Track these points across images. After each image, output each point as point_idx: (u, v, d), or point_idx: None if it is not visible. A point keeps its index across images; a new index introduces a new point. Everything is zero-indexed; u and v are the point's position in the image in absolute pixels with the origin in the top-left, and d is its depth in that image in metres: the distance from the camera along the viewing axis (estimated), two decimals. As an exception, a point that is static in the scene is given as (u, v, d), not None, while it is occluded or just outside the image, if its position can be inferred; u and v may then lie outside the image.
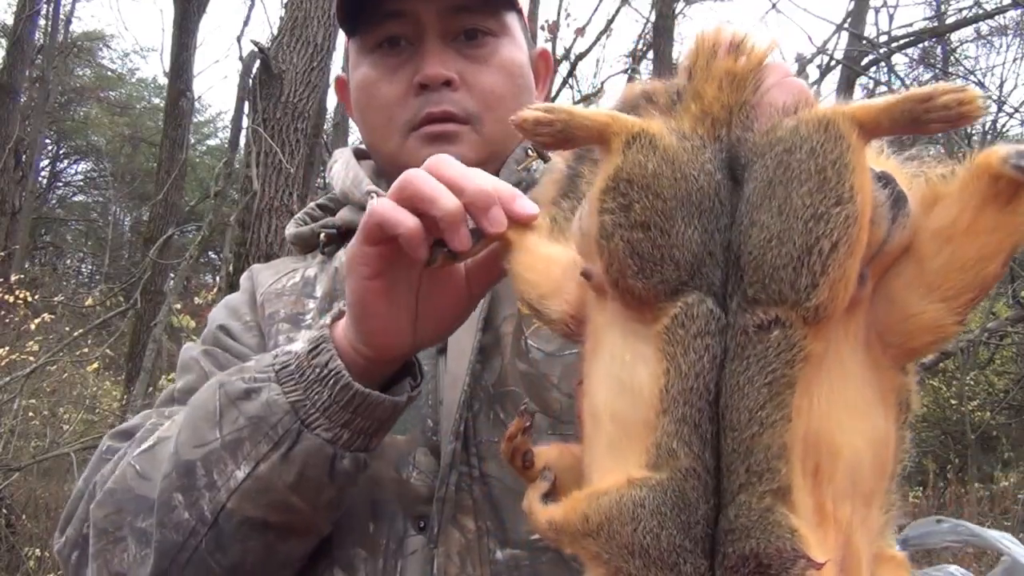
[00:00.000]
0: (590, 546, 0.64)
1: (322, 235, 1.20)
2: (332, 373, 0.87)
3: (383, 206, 0.80)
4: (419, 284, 0.86)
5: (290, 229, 1.25)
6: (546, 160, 1.20)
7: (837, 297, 0.59)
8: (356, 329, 0.87)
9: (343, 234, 1.19)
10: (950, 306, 0.62)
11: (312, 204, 1.28)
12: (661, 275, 0.63)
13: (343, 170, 1.22)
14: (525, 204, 0.79)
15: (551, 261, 0.74)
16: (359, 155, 1.27)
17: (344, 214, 1.21)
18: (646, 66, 10.22)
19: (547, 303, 0.73)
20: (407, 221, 0.78)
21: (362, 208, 1.14)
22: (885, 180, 0.64)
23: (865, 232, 0.60)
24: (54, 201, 24.81)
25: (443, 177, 0.79)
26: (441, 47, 1.13)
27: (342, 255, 1.17)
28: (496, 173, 1.12)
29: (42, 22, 14.93)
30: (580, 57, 9.78)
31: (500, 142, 1.15)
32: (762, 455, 0.59)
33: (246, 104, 7.17)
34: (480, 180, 0.79)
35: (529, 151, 1.19)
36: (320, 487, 0.90)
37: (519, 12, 1.21)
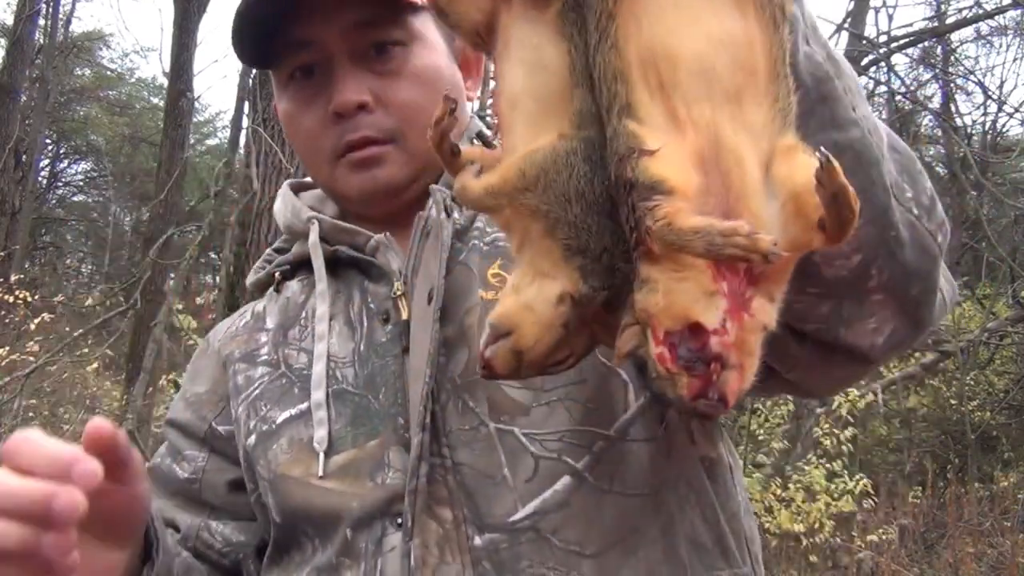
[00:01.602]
0: (529, 200, 0.66)
1: (276, 273, 1.22)
2: None
3: None
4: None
5: (250, 278, 1.28)
6: (492, 148, 1.20)
7: None
8: None
9: (295, 267, 1.22)
10: None
11: (268, 250, 1.30)
12: None
13: (282, 207, 1.24)
14: (87, 467, 0.74)
15: None
16: (299, 188, 1.29)
17: (295, 247, 1.23)
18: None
19: (456, 6, 0.73)
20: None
21: (306, 237, 1.17)
22: None
23: None
24: (54, 201, 24.78)
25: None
26: (352, 69, 1.10)
27: (293, 285, 1.21)
28: (437, 180, 1.13)
29: (42, 22, 14.92)
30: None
31: (430, 152, 1.14)
32: (606, 85, 0.63)
33: (246, 104, 7.16)
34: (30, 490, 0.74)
35: (474, 141, 1.18)
36: None
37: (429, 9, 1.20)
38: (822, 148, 0.59)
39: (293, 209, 1.22)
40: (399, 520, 0.97)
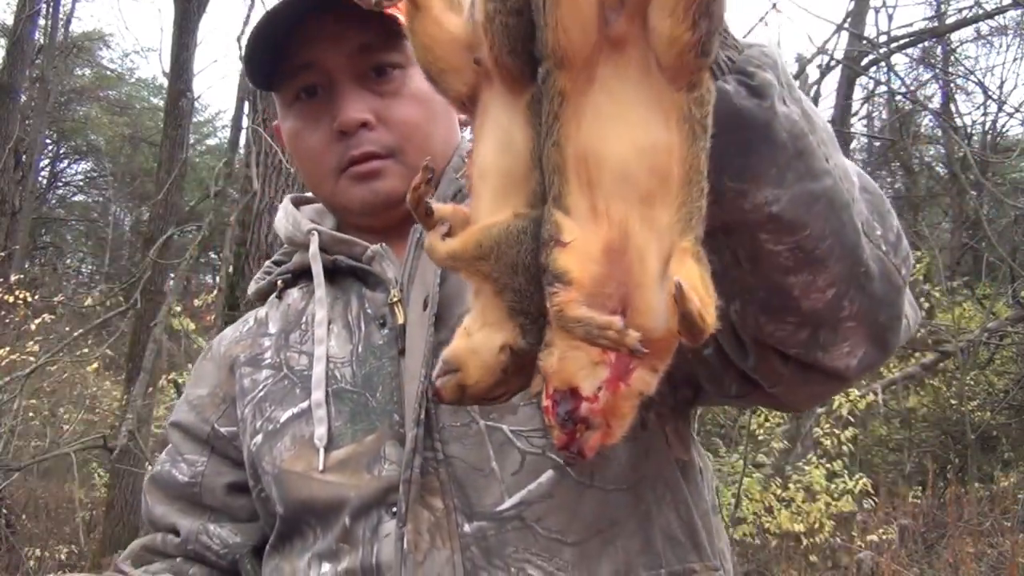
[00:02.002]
0: (483, 267, 0.78)
1: (279, 281, 1.29)
2: None
3: None
4: None
5: (251, 287, 1.35)
6: None
7: (561, 43, 0.70)
8: None
9: (296, 276, 1.29)
10: (675, 17, 0.69)
11: (268, 262, 1.37)
12: (527, 53, 0.74)
13: (284, 219, 1.31)
14: None
15: (454, 40, 0.81)
16: (299, 202, 1.36)
17: (296, 257, 1.30)
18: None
19: (447, 79, 0.82)
20: None
21: (307, 248, 1.24)
22: None
23: None
24: (54, 201, 24.80)
25: None
26: (354, 89, 1.18)
27: (294, 292, 1.28)
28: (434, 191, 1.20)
29: (42, 22, 14.92)
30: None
31: None
32: (547, 174, 0.74)
33: (246, 104, 7.17)
34: None
35: (465, 159, 1.24)
36: None
37: None
38: (679, 280, 0.67)
39: (294, 221, 1.29)
40: (394, 509, 1.05)
